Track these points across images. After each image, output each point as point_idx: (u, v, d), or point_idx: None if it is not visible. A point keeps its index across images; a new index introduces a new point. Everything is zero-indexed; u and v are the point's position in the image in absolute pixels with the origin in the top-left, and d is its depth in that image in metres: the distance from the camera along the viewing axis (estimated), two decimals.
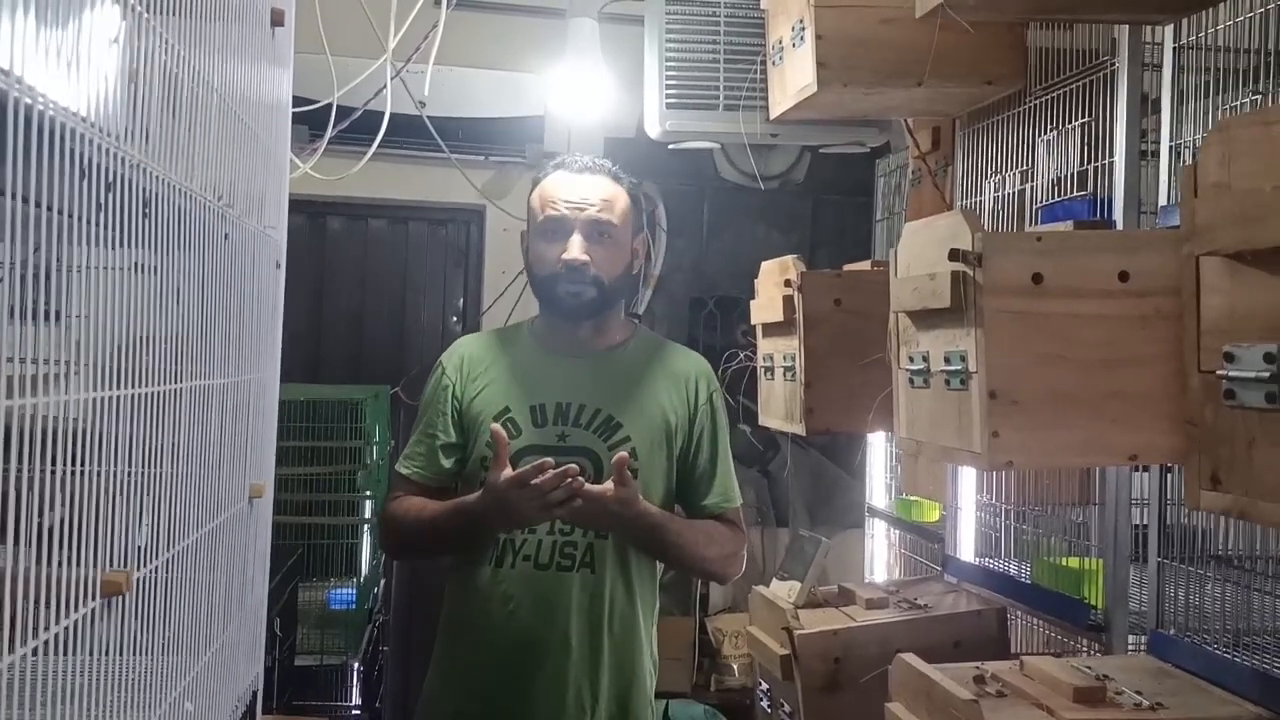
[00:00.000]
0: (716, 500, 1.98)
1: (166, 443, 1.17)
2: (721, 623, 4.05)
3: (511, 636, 1.87)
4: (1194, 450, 1.25)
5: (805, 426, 2.13)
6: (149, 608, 1.11)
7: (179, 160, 1.19)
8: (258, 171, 1.61)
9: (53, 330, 0.91)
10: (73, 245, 0.92)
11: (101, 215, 0.98)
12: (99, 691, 1.00)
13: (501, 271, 4.22)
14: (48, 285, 0.89)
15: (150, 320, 1.10)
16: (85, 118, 0.92)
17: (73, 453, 0.89)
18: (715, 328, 4.38)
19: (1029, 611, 2.20)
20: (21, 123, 0.80)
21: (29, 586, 0.82)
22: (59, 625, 0.89)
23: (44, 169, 0.84)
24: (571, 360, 1.98)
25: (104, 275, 1.00)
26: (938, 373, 1.64)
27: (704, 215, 4.45)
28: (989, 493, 2.41)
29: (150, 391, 1.09)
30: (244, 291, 1.52)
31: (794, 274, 2.14)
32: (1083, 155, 2.01)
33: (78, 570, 0.93)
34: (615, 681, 1.90)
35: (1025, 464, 1.60)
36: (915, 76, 2.10)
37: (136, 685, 1.10)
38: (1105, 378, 1.53)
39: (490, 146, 4.13)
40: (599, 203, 1.93)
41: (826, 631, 2.13)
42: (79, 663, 0.94)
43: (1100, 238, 1.61)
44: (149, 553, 1.12)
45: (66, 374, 0.91)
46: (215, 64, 1.34)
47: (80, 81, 0.92)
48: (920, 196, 2.64)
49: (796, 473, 4.26)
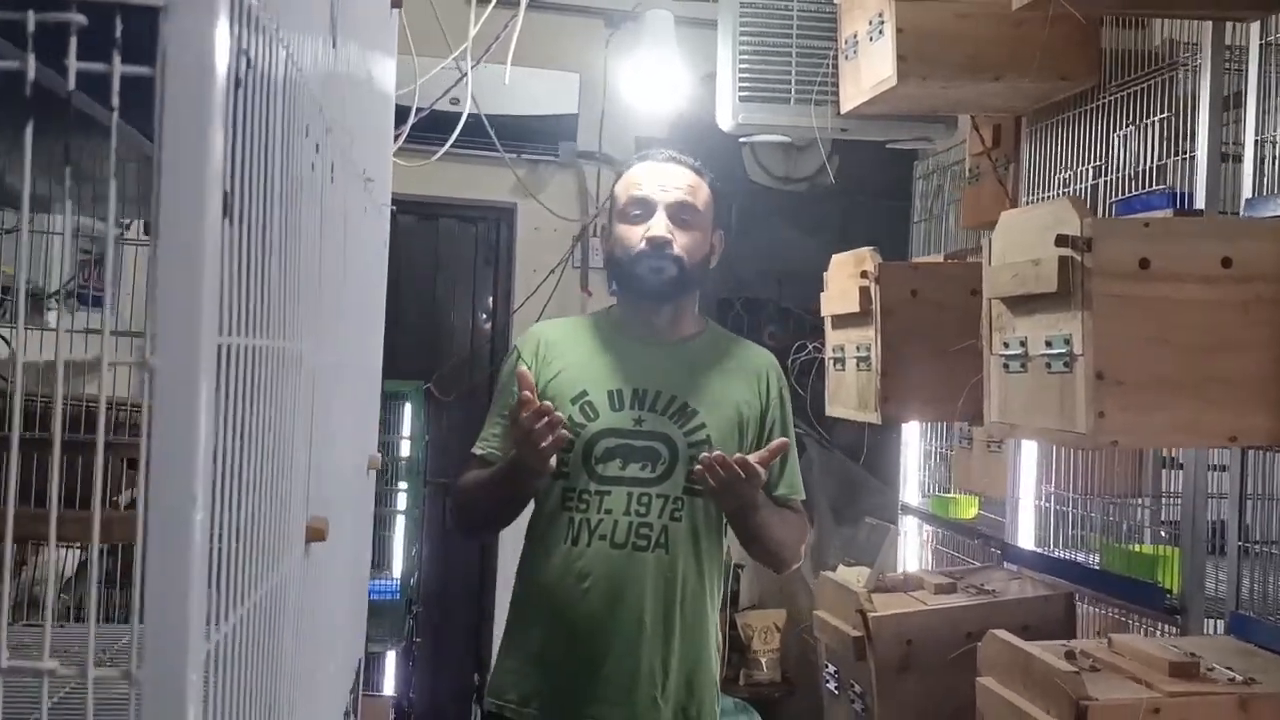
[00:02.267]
0: (785, 491, 2.01)
1: (320, 404, 1.20)
2: (751, 618, 4.08)
3: (585, 614, 1.89)
4: None
5: (880, 415, 2.18)
6: (330, 560, 1.14)
7: (348, 129, 1.22)
8: (380, 149, 1.64)
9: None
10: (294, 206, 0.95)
11: (314, 175, 1.01)
12: (297, 645, 1.02)
13: (533, 270, 4.25)
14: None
15: (309, 282, 1.13)
16: (309, 78, 0.96)
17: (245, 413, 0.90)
18: (742, 329, 4.41)
19: (1096, 597, 2.25)
20: (282, 74, 0.83)
21: (242, 541, 0.85)
22: (276, 576, 0.91)
23: (287, 120, 0.88)
24: (648, 347, 2.01)
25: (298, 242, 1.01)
26: (1037, 356, 1.69)
27: (732, 217, 4.48)
28: (1049, 483, 2.46)
29: (306, 348, 1.11)
30: (374, 267, 1.56)
31: (871, 265, 2.18)
32: (1160, 150, 2.06)
33: (288, 517, 0.95)
34: (684, 661, 1.92)
35: (1128, 444, 1.65)
36: (992, 71, 2.15)
37: (318, 640, 1.13)
38: (1206, 361, 1.58)
39: (523, 144, 4.16)
40: (684, 188, 1.97)
41: (900, 614, 2.17)
42: (275, 625, 0.96)
43: (1205, 224, 1.66)
44: (321, 507, 1.15)
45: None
46: (361, 37, 1.38)
47: (305, 47, 0.95)
48: (979, 194, 2.69)
49: (823, 473, 4.30)
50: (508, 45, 2.96)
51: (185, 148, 0.63)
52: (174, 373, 0.62)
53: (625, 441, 1.92)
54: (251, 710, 0.83)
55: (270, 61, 0.79)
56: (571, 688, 1.90)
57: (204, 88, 0.64)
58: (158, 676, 0.60)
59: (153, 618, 0.60)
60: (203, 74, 0.63)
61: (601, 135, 4.23)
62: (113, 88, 0.61)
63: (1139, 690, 1.62)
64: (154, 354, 0.62)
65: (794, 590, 4.08)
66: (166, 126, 0.62)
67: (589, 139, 4.23)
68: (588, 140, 4.23)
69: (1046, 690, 1.63)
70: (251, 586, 0.81)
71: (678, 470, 1.91)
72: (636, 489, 1.90)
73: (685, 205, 1.96)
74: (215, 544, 0.74)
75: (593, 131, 4.22)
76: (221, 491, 0.72)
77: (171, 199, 0.63)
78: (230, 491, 0.75)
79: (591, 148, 4.25)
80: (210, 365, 0.64)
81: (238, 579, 0.77)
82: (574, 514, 1.92)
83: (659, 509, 1.90)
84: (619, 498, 1.90)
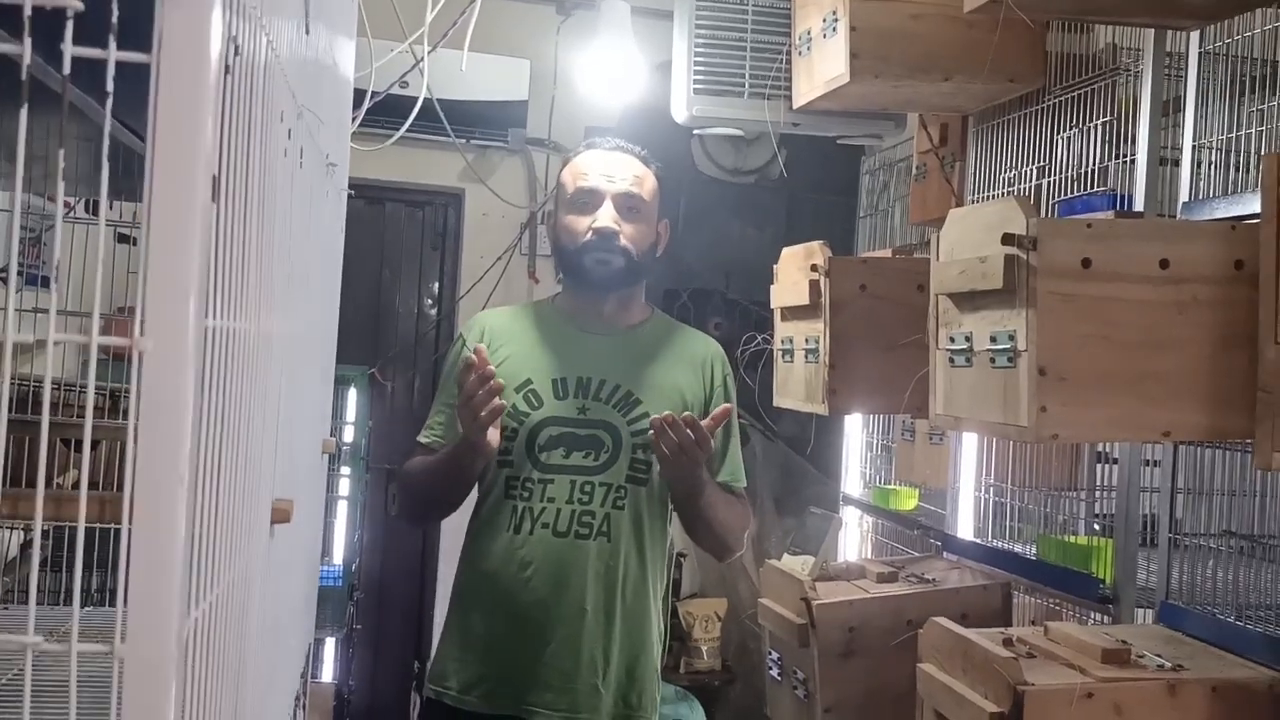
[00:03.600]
0: (727, 479, 2.04)
1: (286, 386, 1.20)
2: (692, 607, 4.13)
3: (527, 602, 1.91)
4: (1265, 416, 1.36)
5: (828, 407, 2.22)
6: (292, 541, 1.15)
7: (314, 114, 1.23)
8: (339, 136, 1.64)
9: None
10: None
11: (285, 163, 1.02)
12: (261, 624, 1.03)
13: (480, 256, 4.25)
14: None
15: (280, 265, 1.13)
16: (285, 71, 0.96)
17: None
18: (689, 319, 4.44)
19: (1033, 586, 2.32)
20: (260, 76, 0.84)
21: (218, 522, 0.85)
22: (246, 557, 0.92)
23: (266, 105, 0.88)
24: (594, 336, 2.03)
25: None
26: (982, 351, 1.73)
27: (680, 208, 4.51)
28: (988, 474, 2.52)
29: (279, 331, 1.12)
30: (330, 250, 1.56)
31: (821, 259, 2.22)
32: (1102, 153, 2.13)
33: (256, 499, 0.96)
34: (626, 649, 1.94)
35: (1069, 437, 1.70)
36: (943, 71, 2.20)
37: (278, 621, 1.14)
38: (1144, 359, 1.63)
39: (473, 130, 4.15)
40: (630, 178, 1.99)
41: (843, 602, 2.21)
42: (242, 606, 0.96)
43: (1145, 226, 1.72)
44: (286, 489, 1.16)
45: None
46: (323, 22, 1.38)
47: (280, 34, 0.95)
48: (925, 191, 2.74)
49: (765, 464, 4.35)
50: (465, 31, 2.95)
51: (178, 134, 0.64)
52: (163, 355, 0.63)
53: (569, 430, 1.94)
54: (222, 689, 0.85)
55: (254, 48, 0.80)
56: (513, 675, 1.91)
57: (199, 75, 0.65)
58: (141, 653, 0.62)
59: (137, 595, 0.61)
60: (198, 61, 0.64)
61: (551, 122, 4.24)
62: (108, 73, 0.62)
63: (1073, 676, 1.68)
64: (144, 336, 0.63)
65: (735, 579, 4.13)
66: (161, 112, 0.63)
67: (539, 126, 4.24)
68: (537, 127, 4.23)
69: (985, 675, 1.68)
70: (225, 567, 0.82)
71: (621, 458, 1.93)
72: (580, 477, 1.92)
73: (632, 196, 1.97)
74: (194, 525, 0.75)
75: (543, 118, 4.22)
76: (200, 473, 0.73)
77: (164, 184, 0.64)
78: (208, 473, 0.76)
79: (541, 135, 4.25)
80: (198, 348, 0.66)
81: (214, 560, 0.78)
82: (517, 502, 1.93)
83: (602, 497, 1.92)
84: (562, 486, 1.92)
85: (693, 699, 3.84)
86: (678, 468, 1.83)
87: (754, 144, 4.26)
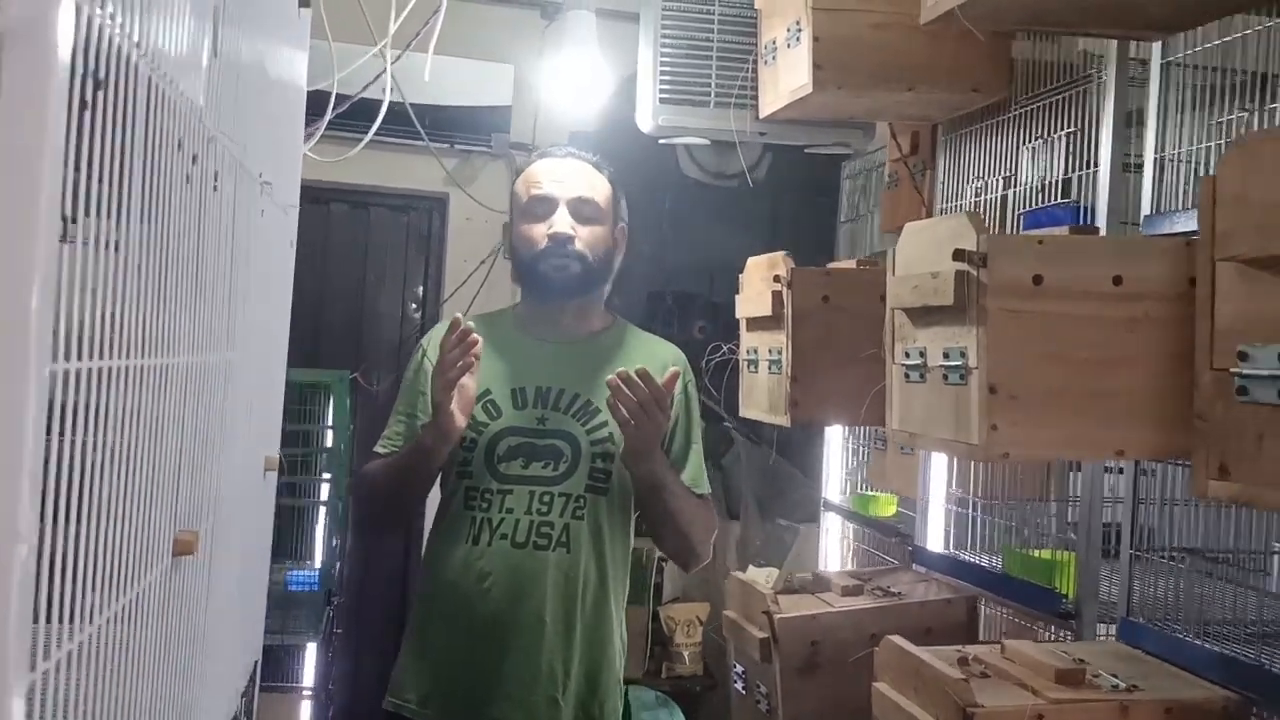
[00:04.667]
0: (688, 484, 2.01)
1: (201, 413, 1.19)
2: (674, 611, 4.11)
3: (486, 613, 1.89)
4: (1201, 443, 1.33)
5: (790, 418, 2.20)
6: (197, 574, 1.13)
7: (238, 136, 1.21)
8: (283, 150, 1.63)
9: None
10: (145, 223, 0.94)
11: (188, 189, 1.00)
12: (169, 657, 1.02)
13: (463, 260, 4.23)
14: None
15: (197, 296, 1.12)
16: (183, 91, 0.95)
17: (119, 427, 0.90)
18: (673, 323, 4.43)
19: (998, 600, 2.30)
20: (144, 94, 0.83)
21: (100, 555, 0.84)
22: (136, 588, 0.91)
23: (157, 144, 0.87)
24: (552, 345, 2.01)
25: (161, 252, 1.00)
26: (935, 368, 1.71)
27: (665, 210, 4.50)
28: (959, 487, 2.50)
29: (181, 362, 1.10)
30: (270, 269, 1.55)
31: (784, 270, 2.20)
32: (1067, 164, 2.10)
33: (147, 534, 0.94)
34: (586, 660, 1.93)
35: (1020, 456, 1.68)
36: (906, 81, 2.18)
37: (192, 651, 1.12)
38: (1096, 377, 1.62)
39: (456, 135, 4.14)
40: (584, 184, 1.98)
41: (805, 616, 2.20)
42: (142, 634, 0.95)
43: (1097, 243, 1.70)
44: (193, 519, 1.14)
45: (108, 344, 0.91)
46: (261, 41, 1.36)
47: (183, 57, 0.94)
48: (896, 199, 2.72)
49: (749, 468, 4.33)
50: (434, 36, 2.94)
51: (15, 176, 0.62)
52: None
53: (528, 440, 1.93)
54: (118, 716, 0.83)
55: (130, 80, 0.78)
56: (471, 687, 1.90)
57: (39, 116, 0.63)
58: None
59: None
60: (37, 102, 0.63)
61: (535, 127, 4.22)
62: None
63: (1025, 697, 1.66)
64: None
65: (718, 583, 4.11)
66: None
67: (523, 131, 4.22)
68: (521, 132, 4.21)
69: (936, 697, 1.66)
70: (102, 605, 0.81)
71: (580, 468, 1.92)
72: (539, 488, 1.90)
73: (586, 201, 1.97)
74: (58, 567, 0.73)
75: (526, 123, 4.21)
76: (62, 517, 0.72)
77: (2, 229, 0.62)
78: (76, 515, 0.75)
79: (525, 139, 4.23)
80: (39, 394, 0.64)
81: (84, 599, 0.76)
82: (476, 513, 1.92)
83: (560, 507, 1.91)
84: (520, 497, 1.90)
85: (673, 705, 3.82)
86: (639, 431, 1.80)
87: (738, 148, 4.24)
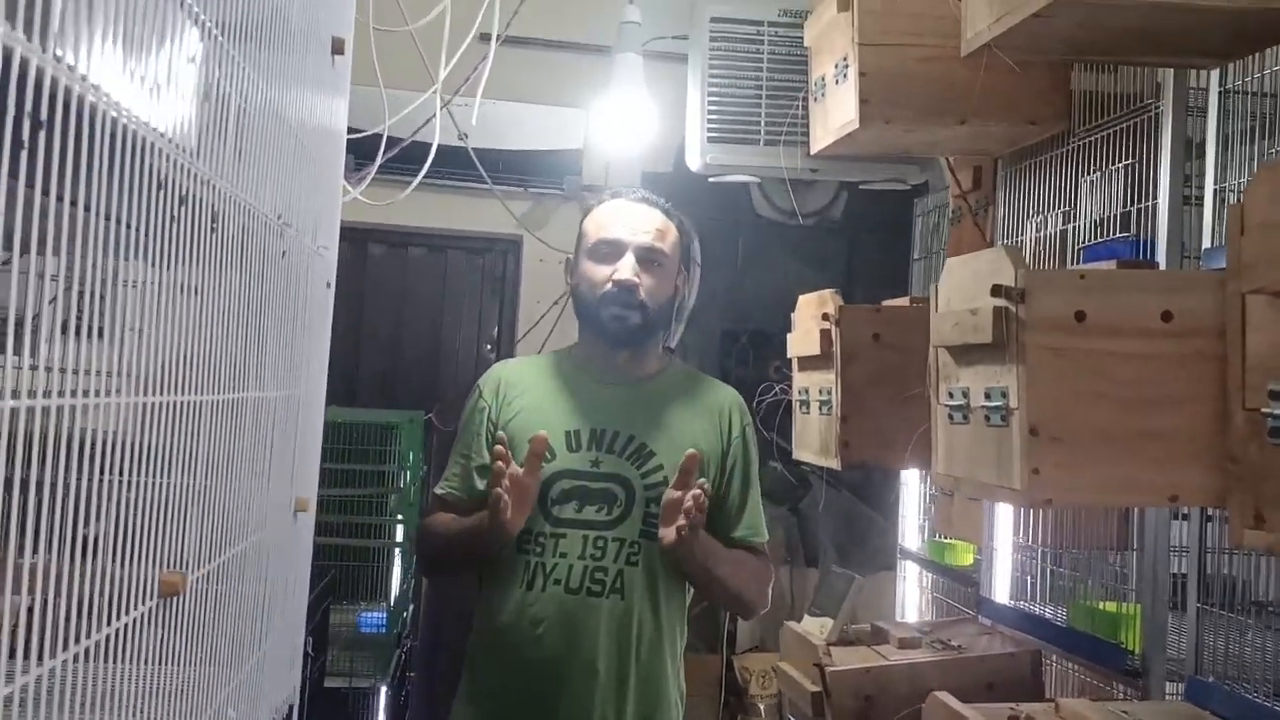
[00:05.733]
0: (745, 533, 1.97)
1: (218, 452, 1.19)
2: (749, 661, 4.03)
3: (538, 659, 1.87)
4: (1236, 488, 1.25)
5: (840, 460, 2.14)
6: (197, 614, 1.13)
7: (245, 178, 1.23)
8: (313, 194, 1.65)
9: (105, 344, 0.93)
10: (136, 260, 0.95)
11: (175, 228, 1.01)
12: (145, 699, 1.02)
13: (536, 301, 4.27)
14: (102, 300, 0.90)
15: (205, 333, 1.13)
16: (163, 133, 0.96)
17: (120, 463, 0.91)
18: (747, 362, 4.39)
19: (1064, 655, 2.19)
20: (106, 135, 0.83)
21: (84, 588, 0.85)
22: (116, 623, 0.91)
23: (124, 182, 0.88)
24: (608, 387, 1.99)
25: (160, 291, 1.02)
26: (977, 408, 1.65)
27: (738, 250, 4.47)
28: (1025, 534, 2.40)
29: (200, 400, 1.12)
30: (297, 308, 1.56)
31: (832, 308, 2.15)
32: (1127, 197, 2.02)
33: (134, 571, 0.95)
34: (640, 709, 1.89)
35: (1065, 502, 1.60)
36: (958, 115, 2.12)
37: (181, 693, 1.12)
38: (1146, 416, 1.53)
39: (529, 178, 4.20)
40: (653, 231, 1.96)
41: (859, 669, 2.12)
42: (126, 670, 0.95)
43: (1144, 277, 1.62)
44: (198, 559, 1.15)
45: (116, 384, 0.93)
46: (279, 87, 1.38)
47: (159, 98, 0.95)
48: (960, 235, 2.65)
49: (827, 512, 4.25)
50: (501, 81, 2.98)
51: None
52: None
53: (581, 483, 1.90)
54: None
55: (85, 121, 0.79)
56: None
57: None
58: None
59: None
60: None
61: (608, 170, 4.25)
62: None
63: None
64: None
65: None
66: None
67: (594, 173, 4.25)
68: (592, 175, 4.25)
69: None
70: (55, 649, 0.81)
71: (635, 512, 1.88)
72: (592, 532, 1.88)
73: (653, 250, 1.94)
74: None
75: (598, 166, 4.25)
76: None
77: None
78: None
79: (598, 181, 4.26)
80: None
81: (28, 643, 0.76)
82: (529, 557, 1.90)
83: (614, 553, 1.88)
84: (574, 541, 1.88)
85: None
86: (684, 545, 1.79)
87: (813, 187, 4.21)
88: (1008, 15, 1.62)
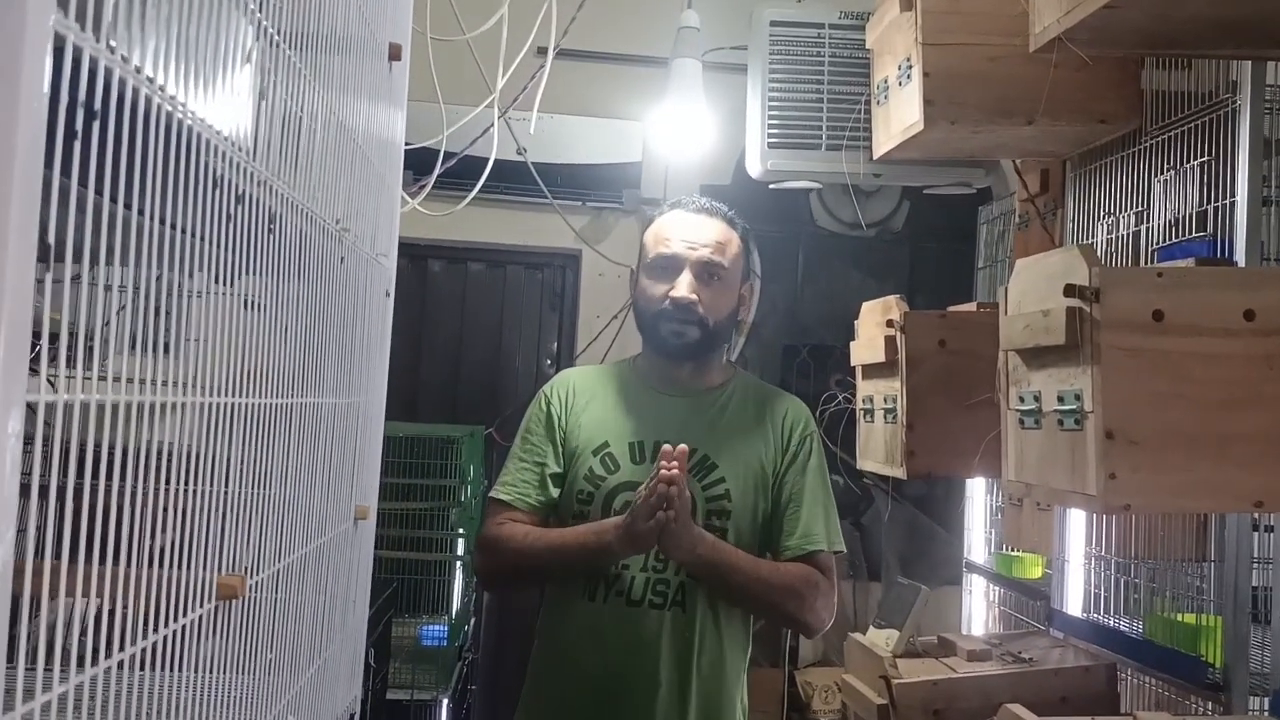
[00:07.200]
0: (798, 541, 1.89)
1: (277, 459, 1.19)
2: (812, 676, 3.96)
3: (600, 670, 1.86)
4: None
5: (906, 470, 2.09)
6: (257, 620, 1.12)
7: (302, 181, 1.22)
8: (371, 200, 1.65)
9: (169, 355, 0.92)
10: (198, 268, 0.95)
11: (230, 226, 1.00)
12: (205, 706, 1.01)
13: (596, 315, 4.26)
14: (169, 312, 0.90)
15: (265, 339, 1.13)
16: (219, 130, 0.95)
17: (185, 471, 0.90)
18: (809, 375, 4.34)
19: (1140, 669, 2.11)
20: (161, 129, 0.83)
21: (146, 590, 0.84)
22: (175, 624, 0.90)
23: (179, 178, 0.87)
24: (672, 399, 1.97)
25: (221, 299, 1.01)
26: (1050, 412, 1.60)
27: (799, 262, 4.43)
28: (1099, 544, 2.33)
29: (261, 403, 1.11)
30: (356, 315, 1.55)
31: (897, 314, 2.11)
32: (1202, 196, 1.95)
33: (194, 573, 0.94)
34: None
35: (1143, 507, 1.54)
36: (1025, 114, 2.07)
37: (242, 701, 1.11)
38: (1228, 419, 1.47)
39: (588, 192, 4.19)
40: (712, 244, 1.93)
41: (926, 681, 2.06)
42: (185, 679, 0.95)
43: (1225, 274, 1.56)
44: (259, 565, 1.14)
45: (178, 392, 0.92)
46: (337, 91, 1.38)
47: (214, 96, 0.95)
48: (1027, 240, 2.59)
49: (891, 526, 4.18)
50: (558, 94, 2.98)
51: None
52: None
53: None
54: None
55: (138, 113, 0.79)
56: None
57: (8, 140, 0.63)
58: None
59: None
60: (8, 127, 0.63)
61: (666, 182, 4.23)
62: None
63: None
64: None
65: None
66: None
67: (653, 186, 4.24)
68: (651, 187, 4.23)
69: None
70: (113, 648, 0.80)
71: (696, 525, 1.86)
72: None
73: (712, 264, 1.91)
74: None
75: (657, 178, 4.23)
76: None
77: None
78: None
79: (656, 195, 4.24)
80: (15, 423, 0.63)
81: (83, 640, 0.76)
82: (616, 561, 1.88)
83: (676, 565, 1.85)
84: None
85: None
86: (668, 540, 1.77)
87: (873, 197, 4.16)
88: (1078, 7, 1.58)
